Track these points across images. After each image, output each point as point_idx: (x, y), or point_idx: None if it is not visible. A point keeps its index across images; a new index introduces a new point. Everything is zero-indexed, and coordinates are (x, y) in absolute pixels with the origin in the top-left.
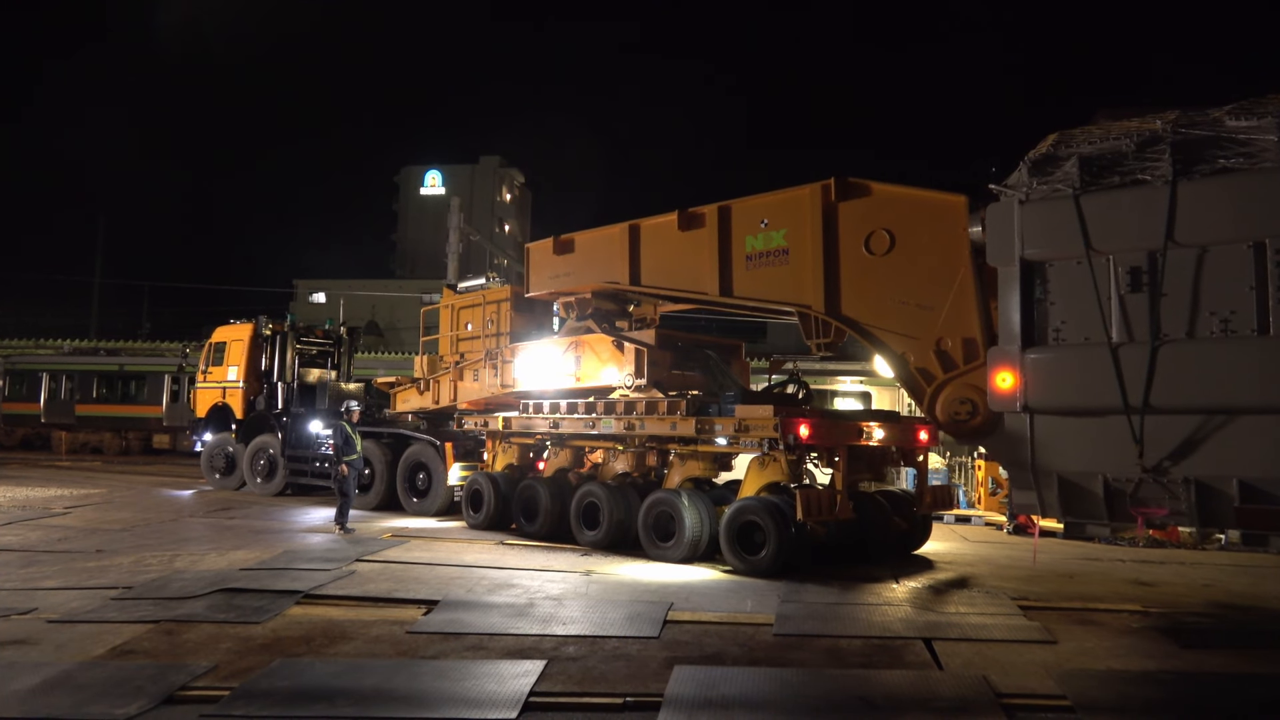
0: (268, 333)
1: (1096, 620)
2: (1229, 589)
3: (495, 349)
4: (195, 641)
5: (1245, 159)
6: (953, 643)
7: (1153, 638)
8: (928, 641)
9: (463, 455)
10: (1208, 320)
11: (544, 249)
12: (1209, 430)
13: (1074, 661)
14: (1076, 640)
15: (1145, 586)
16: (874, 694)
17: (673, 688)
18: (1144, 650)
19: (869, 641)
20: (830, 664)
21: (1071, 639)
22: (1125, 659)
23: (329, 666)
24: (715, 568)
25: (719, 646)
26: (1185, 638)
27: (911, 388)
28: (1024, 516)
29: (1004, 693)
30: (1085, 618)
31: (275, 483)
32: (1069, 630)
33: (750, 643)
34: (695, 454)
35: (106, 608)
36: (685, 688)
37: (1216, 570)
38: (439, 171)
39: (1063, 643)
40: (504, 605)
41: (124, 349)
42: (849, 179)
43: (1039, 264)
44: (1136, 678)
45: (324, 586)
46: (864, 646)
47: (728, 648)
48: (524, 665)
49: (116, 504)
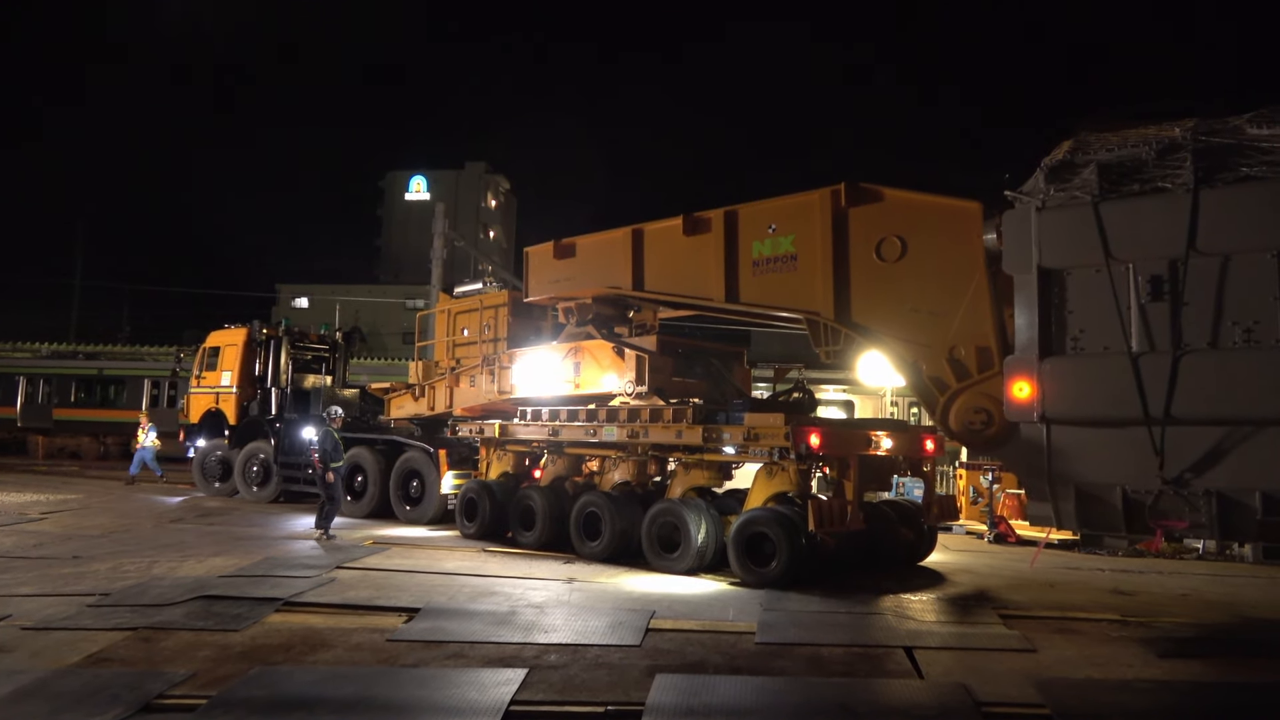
0: (262, 337)
1: (1076, 629)
2: (1206, 598)
3: (493, 354)
4: (173, 649)
5: (1269, 167)
6: (933, 651)
7: (1131, 646)
8: (909, 650)
9: (457, 463)
10: (1230, 330)
11: (544, 253)
12: (1232, 442)
13: (1053, 670)
14: (1056, 649)
15: (1124, 595)
16: (855, 703)
17: (654, 696)
18: (1122, 659)
19: (850, 650)
20: (812, 672)
21: (1051, 647)
22: (1104, 667)
23: (308, 675)
24: (722, 579)
25: (701, 655)
26: (1163, 646)
27: (924, 396)
28: (1004, 525)
29: (984, 701)
30: (1065, 626)
31: (269, 490)
32: (1049, 639)
33: (732, 651)
34: (701, 463)
35: (83, 615)
36: (667, 696)
37: (1194, 579)
38: (424, 177)
39: (1042, 651)
40: (485, 613)
41: (103, 352)
42: (860, 184)
43: (1057, 272)
44: (1115, 686)
45: (304, 594)
46: (845, 655)
47: (710, 656)
48: (505, 674)
49: (94, 509)
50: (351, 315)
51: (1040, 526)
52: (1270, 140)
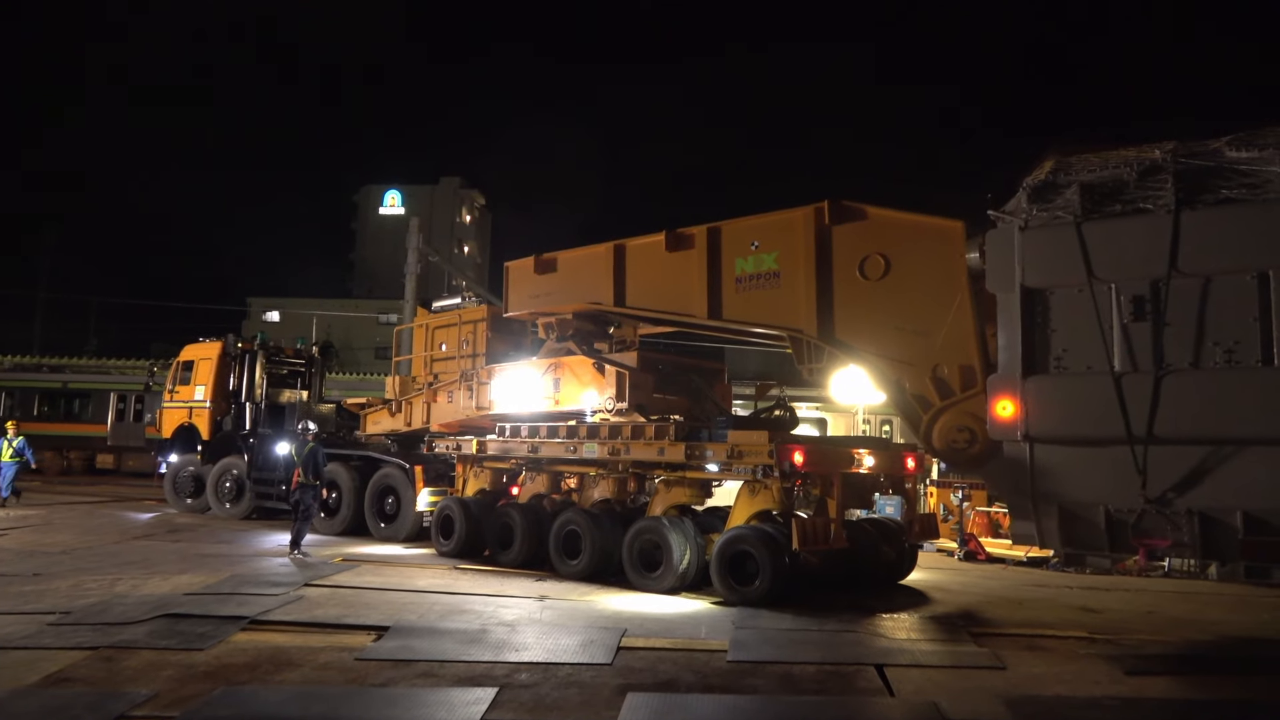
0: (237, 351)
1: (1045, 646)
2: (1171, 615)
3: (471, 370)
4: (135, 669)
5: (1249, 190)
6: (904, 669)
7: (1099, 664)
8: (879, 668)
9: (433, 479)
10: (1212, 350)
11: (524, 268)
12: (1214, 461)
13: (1023, 688)
14: (1025, 666)
15: (1092, 613)
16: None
17: (625, 715)
18: (1090, 676)
19: (822, 668)
20: (783, 690)
21: (1021, 665)
22: (1072, 685)
23: (274, 695)
24: (704, 598)
25: (673, 673)
26: (1130, 664)
27: (907, 414)
28: (974, 543)
29: (954, 719)
30: (1034, 644)
31: (242, 506)
32: (1018, 656)
33: (704, 669)
34: (682, 480)
35: (42, 633)
36: (638, 715)
37: (1159, 597)
38: (399, 191)
39: (1012, 669)
40: (456, 631)
41: (68, 365)
42: (843, 202)
43: (1040, 291)
44: (1083, 704)
45: (271, 612)
46: (817, 673)
47: (681, 674)
48: (475, 693)
49: (56, 525)
50: (323, 330)
51: (1024, 545)
52: (1249, 163)
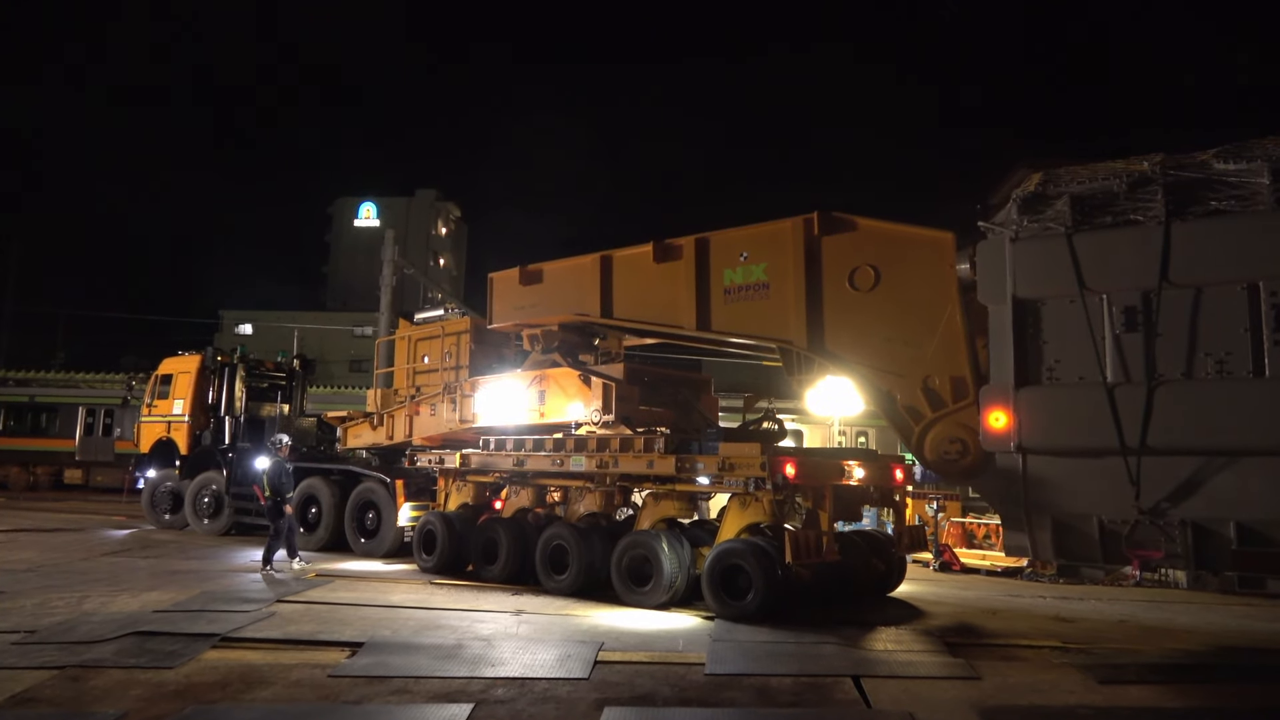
0: (216, 365)
1: (1019, 656)
2: (1143, 624)
3: (454, 382)
4: (103, 688)
5: (1238, 201)
6: (880, 680)
7: (1072, 673)
8: (856, 679)
9: (415, 494)
10: (1203, 361)
11: (509, 279)
12: (1206, 472)
13: (997, 698)
14: (1000, 676)
15: (1065, 622)
16: None
17: None
18: (1064, 686)
19: (799, 680)
20: (760, 703)
21: (995, 675)
22: (1046, 694)
23: (246, 713)
24: (695, 613)
25: (650, 687)
26: (1103, 673)
27: (899, 426)
28: (949, 554)
29: None
30: (1008, 654)
31: (220, 522)
32: (993, 666)
33: (682, 682)
34: (671, 493)
35: (7, 653)
36: None
37: (1131, 606)
38: (374, 204)
39: (987, 679)
40: (432, 646)
41: (35, 379)
42: (833, 213)
43: (1031, 302)
44: (1057, 713)
45: (243, 629)
46: (794, 685)
47: (659, 688)
48: (450, 709)
49: (22, 542)
50: (297, 343)
51: (1017, 556)
52: (1237, 175)
